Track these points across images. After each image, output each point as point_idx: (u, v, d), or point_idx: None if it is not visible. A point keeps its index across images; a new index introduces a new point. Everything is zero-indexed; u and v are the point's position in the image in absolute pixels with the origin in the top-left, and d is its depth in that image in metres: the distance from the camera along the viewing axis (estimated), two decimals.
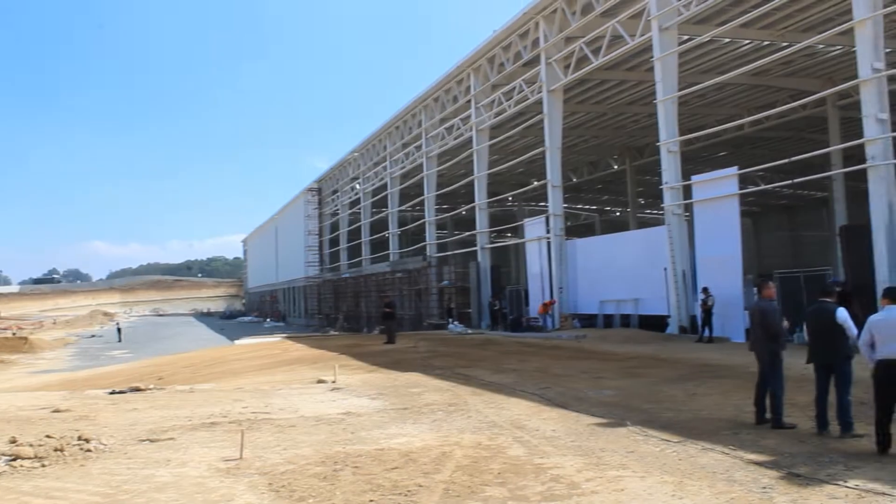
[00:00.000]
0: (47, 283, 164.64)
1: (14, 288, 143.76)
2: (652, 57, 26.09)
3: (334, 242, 66.53)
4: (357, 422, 12.05)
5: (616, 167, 53.68)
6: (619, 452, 8.95)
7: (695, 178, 25.60)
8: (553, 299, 32.98)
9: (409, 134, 48.25)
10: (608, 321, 30.20)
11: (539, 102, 32.93)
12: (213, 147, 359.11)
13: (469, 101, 38.97)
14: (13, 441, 10.76)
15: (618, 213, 72.36)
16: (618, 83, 35.50)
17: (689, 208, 26.41)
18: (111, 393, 18.05)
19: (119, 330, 62.89)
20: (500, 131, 38.92)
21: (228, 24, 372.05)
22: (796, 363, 12.04)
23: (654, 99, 26.50)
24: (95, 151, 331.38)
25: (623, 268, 29.50)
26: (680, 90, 25.87)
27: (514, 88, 34.68)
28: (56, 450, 10.13)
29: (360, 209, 58.95)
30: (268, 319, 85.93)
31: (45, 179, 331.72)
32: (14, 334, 60.78)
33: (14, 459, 9.72)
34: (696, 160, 42.25)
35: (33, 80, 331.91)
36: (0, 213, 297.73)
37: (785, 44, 26.78)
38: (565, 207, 36.62)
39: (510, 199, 59.23)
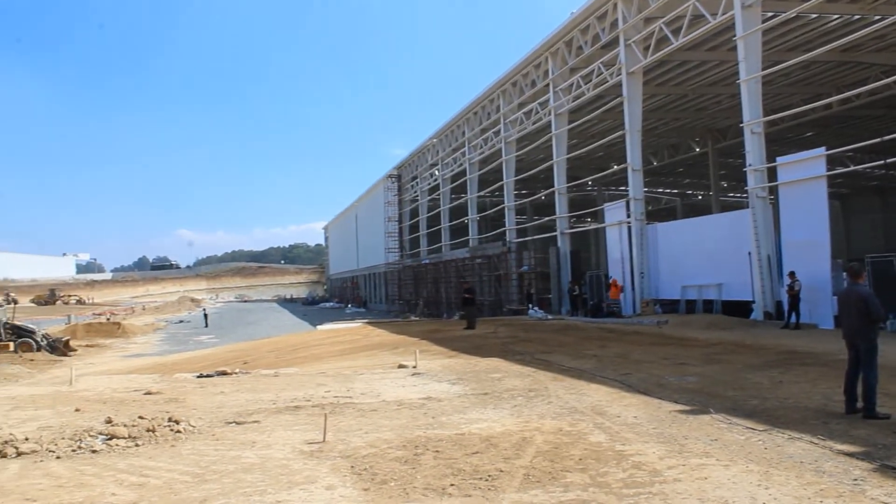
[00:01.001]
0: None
1: (107, 275, 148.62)
2: (734, 36, 25.42)
3: (414, 228, 66.81)
4: (438, 406, 12.14)
5: (698, 150, 52.55)
6: (702, 440, 8.83)
7: (780, 160, 24.86)
8: (621, 283, 32.86)
9: (487, 119, 48.10)
10: (690, 307, 29.67)
11: (618, 85, 32.45)
12: (295, 136, 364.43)
13: (547, 84, 38.63)
14: (109, 421, 11.21)
15: (699, 197, 70.99)
16: (699, 64, 34.69)
17: (773, 191, 25.73)
18: (199, 376, 18.60)
19: (206, 315, 64.39)
20: (578, 115, 38.51)
21: (312, 11, 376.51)
22: (890, 351, 11.68)
23: (737, 79, 25.80)
24: (183, 142, 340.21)
25: (706, 252, 28.94)
26: (764, 69, 25.15)
27: (593, 71, 34.24)
28: (148, 430, 10.51)
29: (439, 195, 59.10)
30: (349, 305, 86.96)
31: (137, 171, 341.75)
32: (108, 320, 62.91)
33: (110, 439, 10.14)
34: (781, 141, 41.08)
35: (126, 78, 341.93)
36: (95, 203, 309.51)
37: (877, 17, 25.77)
38: (646, 191, 36.12)
39: (590, 183, 58.63)
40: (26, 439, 10.24)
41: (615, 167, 52.55)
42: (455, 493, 7.22)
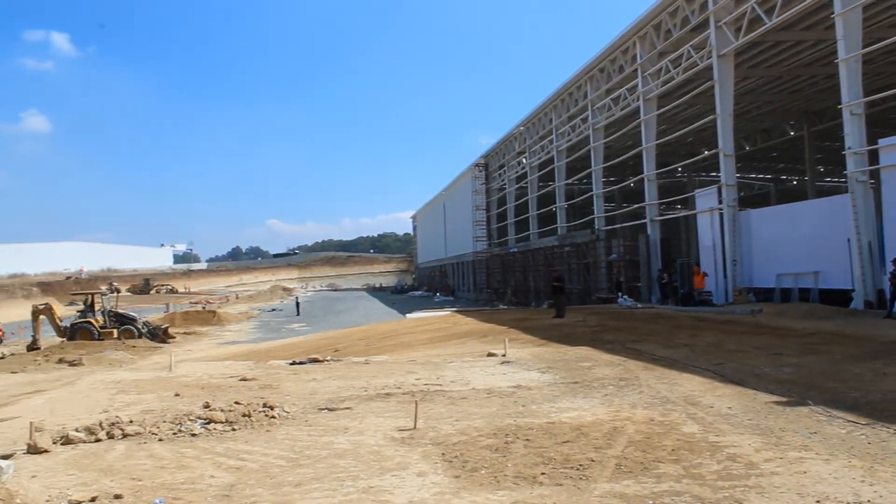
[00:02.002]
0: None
1: (203, 265, 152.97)
2: (832, 13, 24.50)
3: (502, 217, 66.70)
4: (528, 395, 12.14)
5: (792, 133, 50.94)
6: (800, 433, 8.61)
7: (882, 142, 23.86)
8: (704, 271, 32.29)
9: (574, 106, 47.62)
10: (785, 295, 28.81)
11: (709, 69, 31.67)
12: (382, 127, 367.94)
13: (635, 70, 38.00)
14: (207, 406, 11.57)
15: (794, 182, 68.82)
16: (794, 44, 33.54)
17: (874, 175, 24.79)
18: (292, 363, 19.01)
19: (297, 304, 65.61)
20: (667, 100, 37.77)
21: (400, 3, 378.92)
22: None
23: (835, 59, 24.85)
24: (274, 135, 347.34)
25: (802, 239, 28.07)
26: (864, 47, 24.21)
27: (682, 55, 33.52)
28: (244, 415, 10.82)
29: (526, 183, 58.85)
30: (437, 294, 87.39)
31: (231, 164, 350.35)
32: (204, 308, 64.82)
33: (208, 423, 10.49)
34: (883, 123, 39.55)
35: (223, 74, 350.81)
36: (191, 196, 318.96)
37: None
38: (738, 177, 35.21)
39: (679, 169, 57.55)
40: (131, 422, 10.67)
41: (706, 153, 51.41)
42: (546, 481, 7.22)
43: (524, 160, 59.87)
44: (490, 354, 18.50)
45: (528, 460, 7.97)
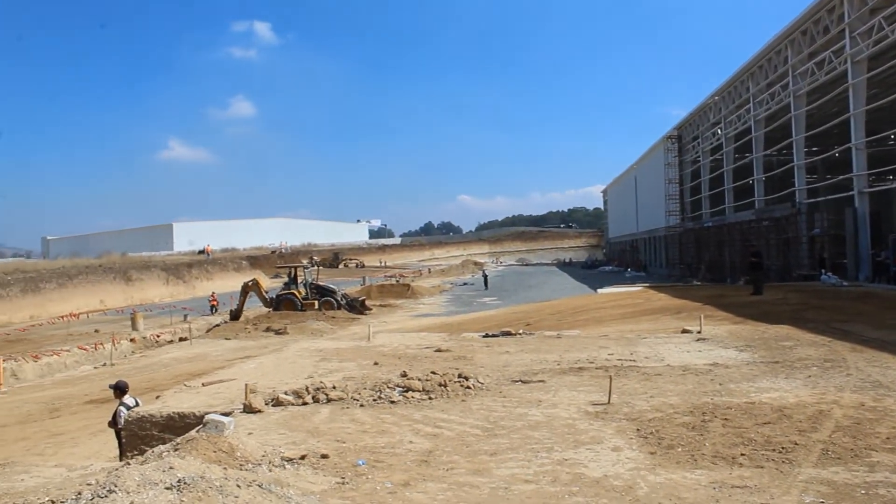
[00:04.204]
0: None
1: (396, 240, 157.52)
2: None
3: (695, 190, 64.57)
4: (725, 373, 11.82)
5: None
6: None
7: None
8: None
9: (773, 73, 45.19)
10: None
11: None
12: (570, 100, 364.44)
13: (842, 30, 35.52)
14: (404, 375, 12.03)
15: None
16: None
17: None
18: (485, 336, 19.35)
19: (486, 278, 66.39)
20: (879, 62, 35.05)
21: None
22: None
23: None
24: (463, 110, 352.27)
25: None
26: None
27: None
28: (440, 385, 11.16)
29: (721, 155, 56.64)
30: (628, 269, 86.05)
31: (420, 137, 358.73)
32: (398, 281, 66.99)
33: (406, 391, 10.91)
34: None
35: (411, 51, 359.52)
36: (383, 172, 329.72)
37: None
38: None
39: (893, 137, 53.52)
40: (334, 387, 11.26)
41: None
42: (746, 463, 7.03)
43: (719, 131, 57.59)
44: (684, 331, 18.13)
45: (726, 440, 7.78)
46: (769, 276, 38.71)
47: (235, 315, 40.44)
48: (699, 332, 17.52)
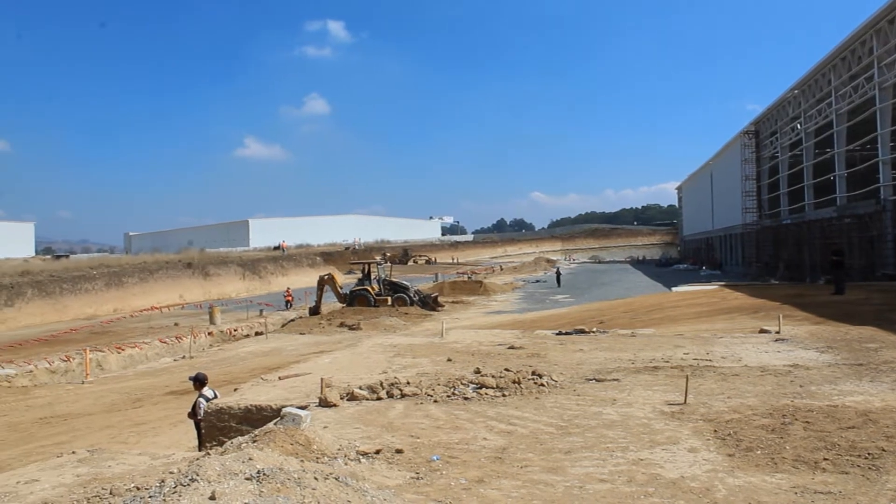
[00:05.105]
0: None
1: (469, 237, 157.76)
2: None
3: (773, 187, 63.04)
4: (805, 375, 11.54)
5: None
6: None
7: None
8: None
9: (857, 64, 43.82)
10: None
11: None
12: (641, 97, 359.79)
13: None
14: (478, 372, 12.06)
15: None
16: None
17: None
18: (558, 334, 19.25)
19: (559, 276, 65.96)
20: None
21: None
22: None
23: None
24: (535, 106, 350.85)
25: None
26: None
27: None
28: (514, 382, 11.16)
29: (801, 150, 55.21)
30: (703, 267, 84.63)
31: (492, 135, 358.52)
32: (470, 278, 66.99)
33: (480, 388, 10.94)
34: None
35: (478, 51, 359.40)
36: (456, 169, 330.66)
37: None
38: None
39: None
40: (408, 383, 11.34)
41: None
42: (829, 468, 6.85)
43: (798, 126, 56.14)
44: (762, 331, 17.76)
45: (808, 444, 7.59)
46: (851, 275, 37.64)
47: (314, 310, 41.03)
48: (778, 333, 17.14)
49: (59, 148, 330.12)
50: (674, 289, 43.28)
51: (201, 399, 11.39)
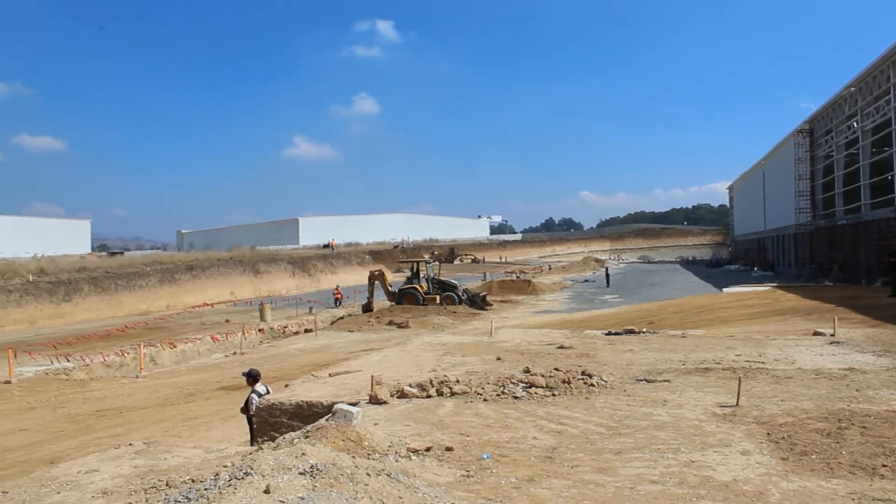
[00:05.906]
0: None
1: (517, 236, 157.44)
2: None
3: (828, 187, 61.89)
4: (862, 379, 11.33)
5: None
6: None
7: None
8: None
9: None
10: None
11: None
12: (692, 95, 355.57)
13: None
14: (527, 371, 12.06)
15: None
16: None
17: None
18: (607, 334, 19.15)
19: (607, 275, 65.52)
20: None
21: None
22: None
23: None
24: (579, 106, 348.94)
25: None
26: None
27: None
28: (563, 382, 11.14)
29: (857, 149, 54.11)
30: (755, 268, 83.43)
31: (540, 134, 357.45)
32: (518, 278, 66.80)
33: (529, 387, 10.94)
34: None
35: (528, 42, 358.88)
36: (504, 168, 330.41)
37: None
38: None
39: None
40: (457, 381, 11.38)
41: None
42: (888, 475, 6.73)
43: (855, 124, 55.02)
44: (816, 333, 17.46)
45: (865, 449, 7.46)
46: None
47: (367, 307, 41.33)
48: (832, 335, 16.85)
49: (114, 147, 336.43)
50: (725, 290, 42.78)
51: (253, 395, 11.55)
